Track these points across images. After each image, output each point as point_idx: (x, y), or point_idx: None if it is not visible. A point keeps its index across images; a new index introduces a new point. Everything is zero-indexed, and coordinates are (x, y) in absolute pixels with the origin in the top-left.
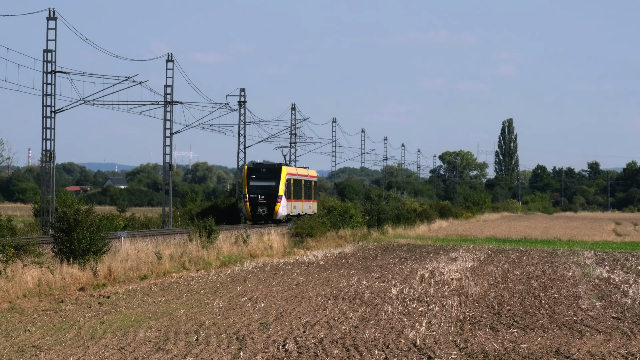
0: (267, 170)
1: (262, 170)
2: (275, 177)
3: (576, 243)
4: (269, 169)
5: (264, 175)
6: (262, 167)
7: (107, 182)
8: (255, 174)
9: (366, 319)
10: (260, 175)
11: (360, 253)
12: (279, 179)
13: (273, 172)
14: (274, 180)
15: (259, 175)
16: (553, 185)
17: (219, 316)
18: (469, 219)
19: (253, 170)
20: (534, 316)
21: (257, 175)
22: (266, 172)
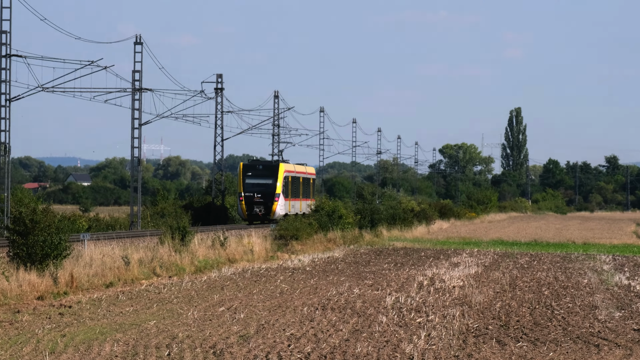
0: (264, 167)
1: (258, 167)
2: (272, 175)
3: (592, 246)
4: (266, 166)
5: (260, 172)
6: (259, 163)
7: (68, 179)
8: (251, 171)
9: (358, 331)
10: (257, 172)
11: (351, 257)
12: (276, 176)
13: (270, 169)
14: (271, 177)
15: (255, 172)
16: (566, 182)
17: (193, 328)
18: (472, 219)
19: (249, 167)
20: (545, 328)
21: (253, 172)
22: (263, 169)
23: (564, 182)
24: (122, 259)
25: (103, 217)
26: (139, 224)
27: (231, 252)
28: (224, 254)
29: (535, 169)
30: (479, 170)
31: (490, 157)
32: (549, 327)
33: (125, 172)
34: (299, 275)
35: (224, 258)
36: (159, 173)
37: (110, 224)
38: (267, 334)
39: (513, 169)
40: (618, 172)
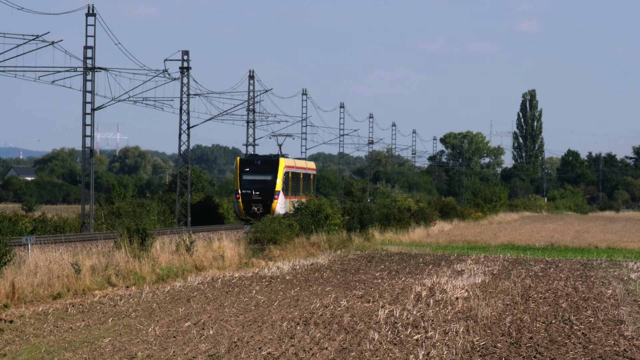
0: (263, 162)
1: (256, 162)
2: (272, 171)
3: (618, 252)
4: (265, 161)
5: (259, 168)
6: (257, 159)
7: (9, 173)
8: (249, 167)
9: (346, 349)
10: (255, 168)
11: (338, 264)
12: (276, 172)
13: (270, 165)
14: (270, 174)
15: (253, 168)
16: (588, 176)
17: (155, 346)
18: (479, 220)
19: (246, 163)
20: (562, 346)
21: (251, 168)
22: (262, 165)
23: (585, 176)
24: (72, 266)
25: (50, 218)
26: (92, 226)
27: (198, 258)
28: (191, 260)
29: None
30: (486, 163)
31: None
32: (567, 345)
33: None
34: (278, 285)
35: (190, 265)
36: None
37: (59, 226)
38: (241, 353)
39: (526, 161)
40: None
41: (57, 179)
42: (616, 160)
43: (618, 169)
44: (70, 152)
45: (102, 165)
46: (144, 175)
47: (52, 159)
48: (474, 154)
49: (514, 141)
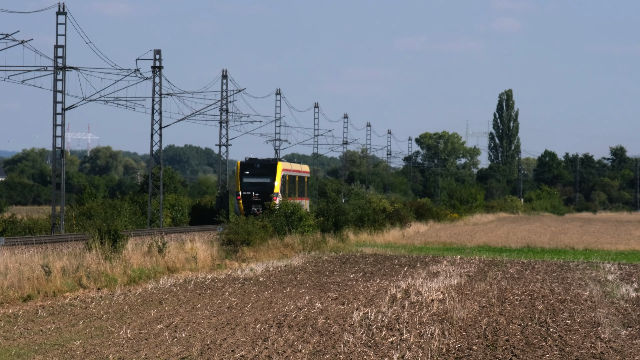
0: (262, 165)
1: (256, 165)
2: (270, 174)
3: (595, 253)
4: (264, 165)
5: (258, 171)
6: (257, 162)
7: None
8: (249, 170)
9: (320, 352)
10: (255, 171)
11: (312, 266)
12: (274, 175)
13: (268, 168)
14: (269, 176)
15: (253, 171)
16: (565, 177)
17: (126, 349)
18: (454, 221)
19: (246, 166)
20: (539, 349)
21: (250, 171)
22: (261, 168)
23: (562, 177)
24: (42, 267)
25: (20, 219)
26: (62, 227)
27: (171, 259)
28: (163, 261)
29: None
30: (462, 163)
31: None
32: (543, 347)
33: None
34: (251, 287)
35: (162, 267)
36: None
37: (29, 227)
38: (214, 356)
39: (502, 162)
40: (625, 166)
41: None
42: (593, 161)
43: (595, 170)
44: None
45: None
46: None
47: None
48: (449, 155)
49: (490, 142)
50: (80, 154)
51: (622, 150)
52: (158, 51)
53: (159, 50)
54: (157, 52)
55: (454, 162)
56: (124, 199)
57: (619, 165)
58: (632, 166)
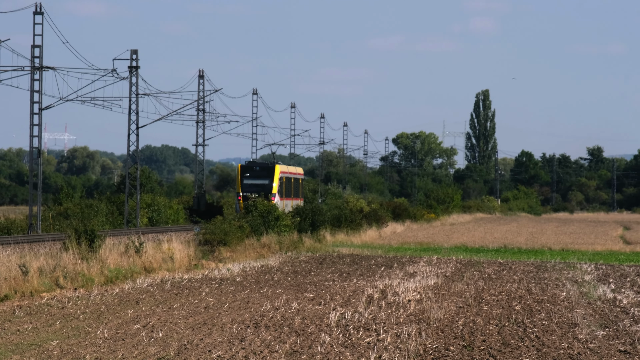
0: (261, 168)
1: (255, 168)
2: (269, 176)
3: (572, 253)
4: (263, 167)
5: (257, 173)
6: (256, 165)
7: None
8: (249, 172)
9: (297, 352)
10: (254, 173)
11: (289, 266)
12: (272, 177)
13: (267, 170)
14: (267, 178)
15: (252, 173)
16: (542, 177)
17: (103, 349)
18: (431, 221)
19: (247, 169)
20: (516, 349)
21: (250, 173)
22: (260, 170)
23: (539, 177)
24: (19, 267)
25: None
26: (39, 227)
27: (147, 259)
28: (140, 262)
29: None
30: (439, 163)
31: (452, 149)
32: (520, 348)
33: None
34: (228, 287)
35: (139, 267)
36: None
37: (5, 227)
38: (190, 356)
39: (479, 162)
40: (602, 167)
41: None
42: (570, 161)
43: (572, 170)
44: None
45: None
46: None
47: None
48: (426, 155)
49: (467, 142)
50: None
51: (599, 150)
52: (135, 51)
53: (136, 50)
54: (133, 52)
55: (431, 162)
56: (100, 199)
57: (596, 165)
58: (609, 166)
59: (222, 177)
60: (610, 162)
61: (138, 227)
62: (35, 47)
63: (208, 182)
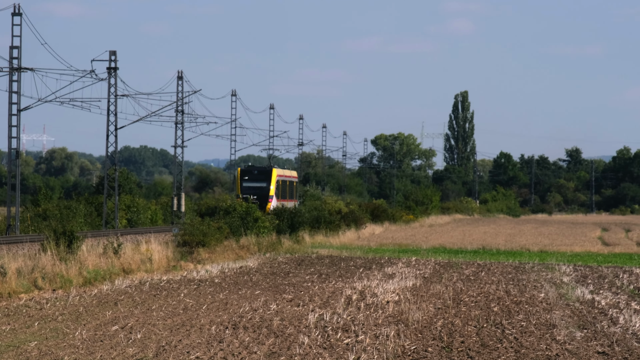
0: (259, 172)
1: (254, 172)
2: (266, 179)
3: (550, 255)
4: (261, 171)
5: (256, 176)
6: (254, 169)
7: None
8: (248, 176)
9: (275, 354)
10: (253, 176)
11: (268, 267)
12: (269, 180)
13: (265, 174)
14: (265, 181)
15: (251, 177)
16: (520, 179)
17: (81, 350)
18: (410, 223)
19: (245, 172)
20: (494, 350)
21: (249, 177)
22: (258, 174)
23: (518, 179)
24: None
25: None
26: (18, 228)
27: (126, 260)
28: (118, 263)
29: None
30: (418, 165)
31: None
32: (498, 349)
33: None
34: (206, 289)
35: (117, 268)
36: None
37: None
38: (169, 357)
39: (458, 163)
40: (581, 168)
41: None
42: (549, 163)
43: (551, 172)
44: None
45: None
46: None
47: None
48: (405, 156)
49: (446, 143)
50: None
51: (577, 151)
52: (113, 52)
53: (114, 52)
54: (112, 53)
55: (410, 164)
56: (79, 200)
57: (574, 166)
58: (587, 168)
59: (201, 179)
60: (589, 163)
61: (117, 229)
62: (13, 48)
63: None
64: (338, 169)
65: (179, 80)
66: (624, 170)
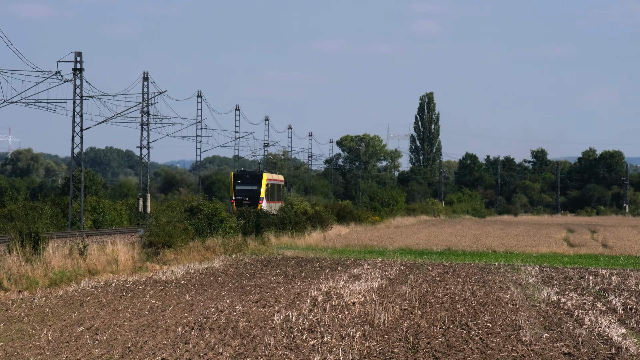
0: (251, 176)
1: (246, 176)
2: (257, 182)
3: (516, 256)
4: (252, 175)
5: (248, 180)
6: (246, 173)
7: None
8: (240, 180)
9: (241, 355)
10: (245, 180)
11: (234, 269)
12: (260, 183)
13: (256, 178)
14: (256, 184)
15: (243, 180)
16: (486, 180)
17: (47, 352)
18: (376, 224)
19: (238, 176)
20: (460, 351)
21: (242, 180)
22: (250, 178)
23: (483, 180)
24: None
25: None
26: None
27: (92, 262)
28: (84, 264)
29: (450, 165)
30: (383, 166)
31: (397, 151)
32: (464, 350)
33: None
34: (172, 290)
35: (83, 269)
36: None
37: None
38: (135, 358)
39: (424, 164)
40: (547, 169)
41: None
42: (514, 164)
43: (516, 173)
44: None
45: None
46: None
47: None
48: (371, 157)
49: (411, 144)
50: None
51: (543, 153)
52: (79, 53)
53: (80, 53)
54: (78, 54)
55: (375, 165)
56: (45, 201)
57: (540, 168)
58: (553, 169)
59: (166, 180)
60: (554, 164)
61: (82, 230)
62: None
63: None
64: (304, 170)
65: (145, 81)
66: (590, 171)
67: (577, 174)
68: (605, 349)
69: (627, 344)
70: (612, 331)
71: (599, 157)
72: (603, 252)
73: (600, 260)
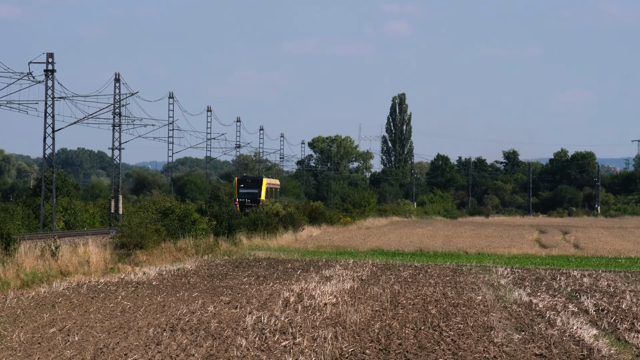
0: (252, 180)
1: (248, 180)
2: (258, 186)
3: (487, 257)
4: (254, 180)
5: (249, 184)
6: (248, 178)
7: None
8: (243, 184)
9: (213, 356)
10: (247, 184)
11: (206, 270)
12: (260, 187)
13: (257, 182)
14: (257, 188)
15: (245, 184)
16: (458, 181)
17: (19, 353)
18: (347, 225)
19: (241, 181)
20: (432, 352)
21: (244, 184)
22: (251, 182)
23: (455, 181)
24: None
25: None
26: None
27: (64, 263)
28: (56, 265)
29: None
30: (355, 167)
31: (368, 152)
32: (436, 351)
33: None
34: (144, 291)
35: (55, 270)
36: None
37: None
38: (107, 359)
39: (395, 166)
40: (518, 170)
41: None
42: (486, 165)
43: (488, 174)
44: None
45: None
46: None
47: None
48: (342, 158)
49: (383, 145)
50: None
51: (514, 154)
52: (51, 54)
53: (52, 54)
54: (49, 56)
55: (347, 166)
56: (16, 202)
57: (511, 169)
58: (524, 170)
59: (138, 181)
60: (526, 165)
61: (54, 231)
62: None
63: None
64: (275, 172)
65: (117, 82)
66: (561, 172)
67: (548, 175)
68: (577, 350)
69: (599, 345)
70: (584, 332)
71: (571, 158)
72: (575, 253)
73: (572, 261)
